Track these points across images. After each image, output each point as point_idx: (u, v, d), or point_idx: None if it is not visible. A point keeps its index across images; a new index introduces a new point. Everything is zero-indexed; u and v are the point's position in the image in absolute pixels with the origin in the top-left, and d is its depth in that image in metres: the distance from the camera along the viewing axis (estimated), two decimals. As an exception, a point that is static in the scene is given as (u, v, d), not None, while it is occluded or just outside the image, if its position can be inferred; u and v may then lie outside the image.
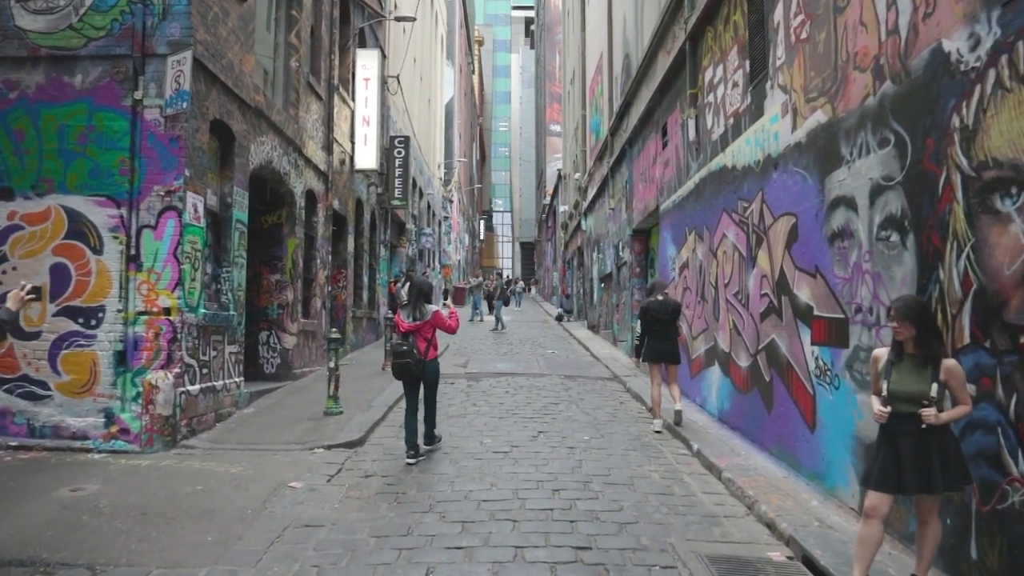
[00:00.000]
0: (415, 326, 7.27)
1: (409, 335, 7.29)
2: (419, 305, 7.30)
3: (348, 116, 14.84)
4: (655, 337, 8.27)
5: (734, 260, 7.92)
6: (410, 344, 7.17)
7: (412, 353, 7.10)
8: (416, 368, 7.08)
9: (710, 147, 8.87)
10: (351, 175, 15.06)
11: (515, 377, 11.96)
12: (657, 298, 8.38)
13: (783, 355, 6.47)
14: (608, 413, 9.21)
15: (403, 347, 7.16)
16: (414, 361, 7.08)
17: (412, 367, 7.08)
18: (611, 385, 11.55)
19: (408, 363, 7.08)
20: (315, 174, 12.36)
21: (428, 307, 7.28)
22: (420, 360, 7.11)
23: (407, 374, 7.15)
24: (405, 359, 7.11)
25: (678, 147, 10.58)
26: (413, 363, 7.07)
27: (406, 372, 7.13)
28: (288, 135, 10.72)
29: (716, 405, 8.60)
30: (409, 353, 7.09)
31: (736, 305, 7.83)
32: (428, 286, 7.49)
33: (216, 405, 8.20)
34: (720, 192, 8.44)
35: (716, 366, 8.61)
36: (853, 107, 5.17)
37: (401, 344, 7.23)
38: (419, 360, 7.11)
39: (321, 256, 12.83)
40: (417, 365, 7.08)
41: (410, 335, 7.28)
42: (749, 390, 7.40)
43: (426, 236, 26.68)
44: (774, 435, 6.68)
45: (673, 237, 10.93)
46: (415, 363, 7.07)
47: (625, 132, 15.14)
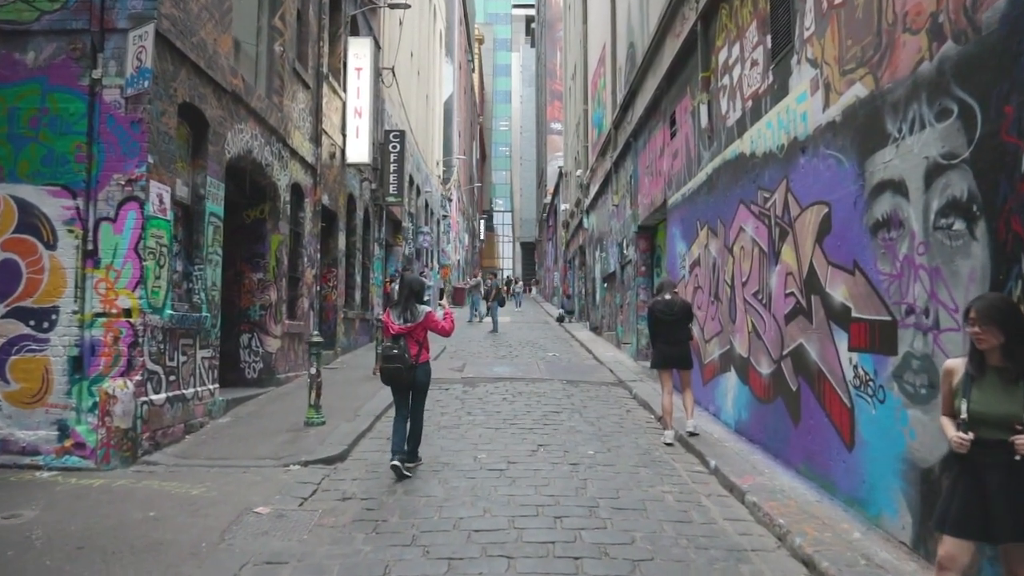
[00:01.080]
0: (406, 328, 6.59)
1: (399, 338, 6.61)
2: (410, 306, 6.62)
3: (339, 107, 14.14)
4: (663, 341, 7.56)
5: (753, 256, 7.21)
6: (401, 348, 6.50)
7: (403, 357, 6.44)
8: (406, 374, 6.44)
9: (724, 134, 8.16)
10: (342, 169, 14.36)
11: (514, 382, 11.25)
12: (664, 298, 7.67)
13: (813, 362, 5.75)
14: (614, 423, 8.50)
15: (393, 351, 6.50)
16: (404, 366, 6.43)
17: (402, 372, 6.43)
18: (616, 391, 10.84)
19: (398, 368, 6.43)
20: (302, 167, 11.65)
21: (420, 308, 6.60)
22: (411, 365, 6.47)
23: (396, 380, 6.52)
24: (395, 364, 6.45)
25: (688, 136, 9.87)
26: (404, 368, 6.43)
27: (395, 378, 6.49)
28: (271, 124, 10.02)
29: (732, 415, 7.89)
30: (399, 357, 6.44)
31: (756, 306, 7.12)
32: (419, 285, 6.81)
33: (186, 415, 7.49)
34: (736, 182, 7.73)
35: (732, 372, 7.90)
36: (902, 76, 4.46)
37: (391, 348, 6.55)
38: (410, 365, 6.46)
39: (308, 254, 12.12)
40: (408, 371, 6.44)
41: (400, 338, 6.60)
42: (771, 399, 6.68)
43: (423, 235, 25.98)
44: (802, 451, 5.96)
45: (683, 233, 10.22)
46: (405, 368, 6.43)
47: (629, 124, 14.43)
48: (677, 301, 7.70)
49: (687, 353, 7.63)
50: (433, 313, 6.67)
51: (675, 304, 7.63)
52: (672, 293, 7.78)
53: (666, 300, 7.64)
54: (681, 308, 7.65)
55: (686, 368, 7.65)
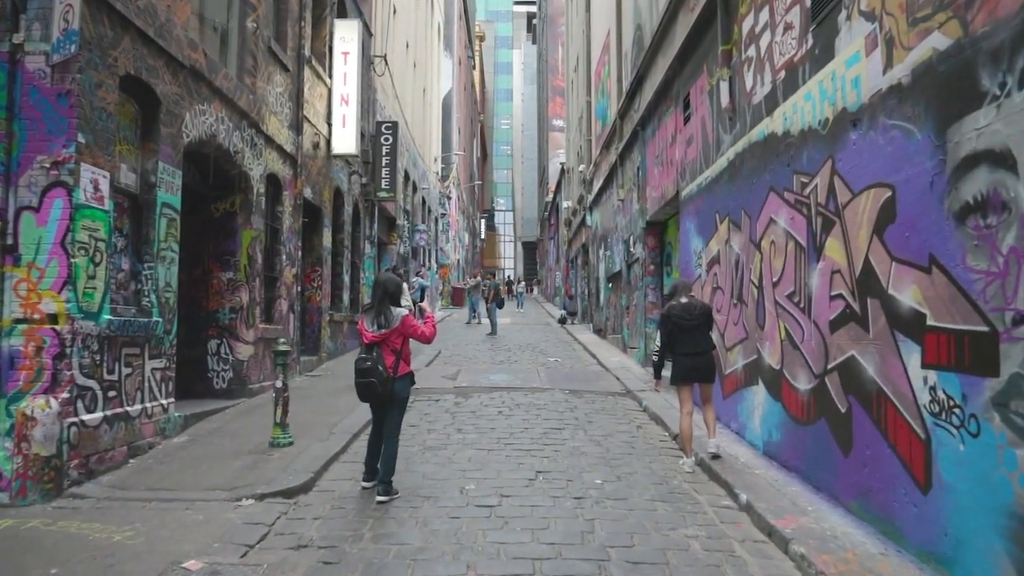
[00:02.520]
0: (380, 336, 5.70)
1: (373, 347, 5.70)
2: (384, 309, 5.69)
3: (324, 95, 13.13)
4: (681, 351, 6.54)
5: (787, 252, 6.19)
6: (374, 358, 5.63)
7: (376, 370, 5.60)
8: (383, 388, 5.59)
9: (750, 113, 7.15)
10: (327, 161, 13.34)
11: (511, 392, 10.23)
12: (681, 301, 6.65)
13: (869, 379, 4.73)
14: (623, 442, 7.48)
15: (367, 362, 5.65)
16: (379, 380, 5.58)
17: (376, 387, 5.59)
18: (624, 402, 9.82)
19: (372, 383, 5.60)
20: (279, 156, 10.65)
21: (395, 311, 5.69)
22: (388, 378, 5.61)
23: (371, 395, 5.68)
24: (368, 377, 5.62)
25: (704, 120, 8.85)
26: (379, 382, 5.58)
27: (370, 393, 5.66)
28: (241, 107, 9.01)
29: (760, 435, 6.86)
30: (373, 370, 5.60)
31: (791, 310, 6.09)
32: (395, 285, 5.84)
33: (130, 436, 6.49)
34: (765, 167, 6.71)
35: (760, 386, 6.87)
36: (1006, 15, 3.44)
37: (365, 359, 5.67)
38: (385, 378, 5.60)
39: (288, 251, 11.12)
40: (384, 384, 5.59)
41: (374, 347, 5.70)
42: (812, 421, 5.66)
43: (420, 233, 24.97)
44: (854, 486, 4.94)
45: (698, 227, 9.20)
46: (380, 382, 5.58)
47: (637, 112, 13.41)
48: (696, 304, 6.69)
49: (711, 364, 6.62)
50: (410, 317, 5.72)
51: (694, 308, 6.62)
52: (688, 296, 6.76)
53: (683, 304, 6.63)
54: (702, 312, 6.64)
55: (710, 381, 6.64)
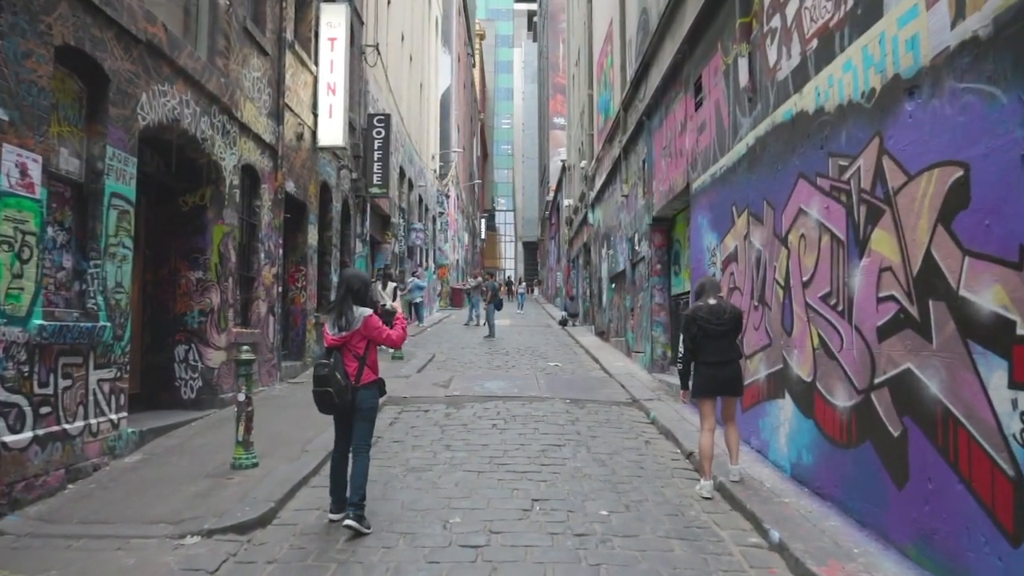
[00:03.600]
0: (340, 339, 4.95)
1: (333, 351, 4.96)
2: (346, 309, 4.94)
3: (309, 83, 12.33)
4: (706, 360, 5.73)
5: (821, 247, 5.38)
6: (332, 365, 4.89)
7: (333, 378, 4.86)
8: (341, 398, 4.87)
9: (774, 91, 6.34)
10: (313, 153, 12.54)
11: (508, 402, 9.42)
12: (708, 302, 5.84)
13: (932, 397, 3.93)
14: (631, 461, 6.68)
15: (324, 369, 4.90)
16: (337, 389, 4.85)
17: (333, 398, 4.87)
18: (629, 413, 9.01)
19: (328, 393, 4.87)
20: (257, 146, 9.84)
21: (358, 311, 4.95)
22: (348, 387, 4.89)
23: (330, 407, 4.96)
24: (324, 386, 4.88)
25: (719, 103, 8.04)
26: (336, 392, 4.86)
27: (328, 404, 4.94)
28: (210, 90, 8.21)
29: (787, 455, 6.05)
30: (330, 378, 4.87)
31: (826, 313, 5.28)
32: (360, 282, 5.09)
33: (68, 458, 5.68)
34: (793, 151, 5.90)
35: (787, 399, 6.06)
36: None
37: (323, 365, 4.94)
38: (345, 387, 4.87)
39: (267, 249, 10.31)
40: (343, 394, 4.87)
41: (334, 351, 4.96)
42: (854, 443, 4.85)
43: (416, 232, 24.16)
44: (912, 525, 4.13)
45: (712, 221, 8.39)
46: (339, 391, 4.86)
47: (642, 101, 12.60)
48: (726, 307, 5.86)
49: (738, 375, 5.81)
50: (374, 318, 4.98)
51: (723, 310, 5.80)
52: (717, 296, 5.95)
53: (711, 306, 5.81)
54: (732, 316, 5.81)
55: (736, 394, 5.84)
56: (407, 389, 10.32)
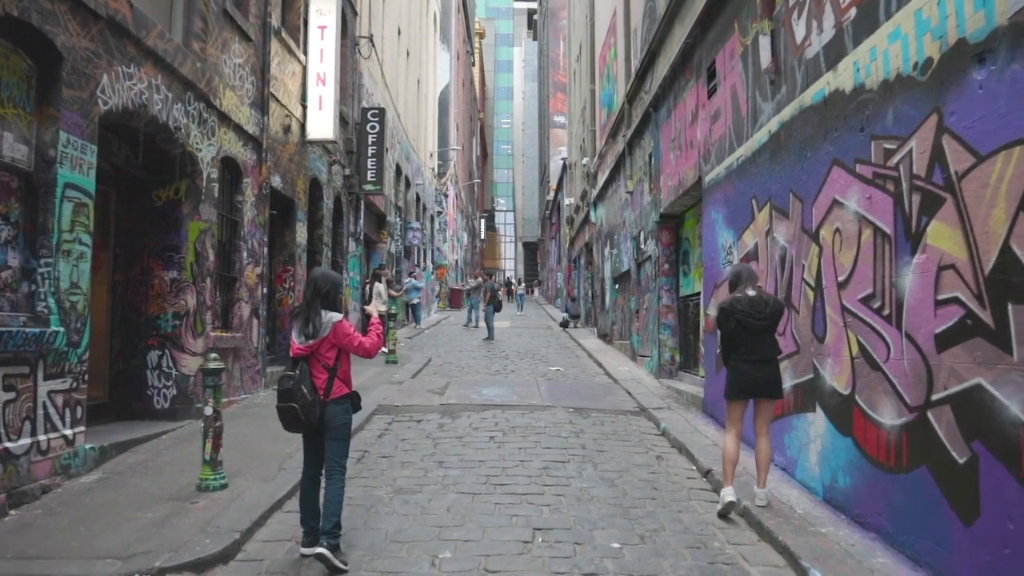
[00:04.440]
0: (306, 348, 4.33)
1: (300, 362, 4.34)
2: (313, 314, 4.32)
3: (297, 73, 11.69)
4: (741, 356, 5.10)
5: (861, 242, 4.75)
6: (297, 377, 4.27)
7: (299, 392, 4.23)
8: (308, 415, 4.24)
9: (801, 71, 5.71)
10: (302, 147, 11.91)
11: (507, 411, 8.78)
12: (747, 293, 5.17)
13: (1012, 418, 3.29)
14: (643, 480, 6.03)
15: (288, 382, 4.29)
16: (304, 404, 4.23)
17: (299, 414, 4.24)
18: (638, 424, 8.37)
19: (292, 409, 4.25)
20: (239, 137, 9.21)
21: (327, 316, 4.34)
22: (315, 402, 4.26)
23: (296, 425, 4.32)
24: (288, 402, 4.27)
25: (736, 89, 7.41)
26: (302, 407, 4.23)
27: (294, 422, 4.31)
28: (184, 74, 7.57)
29: (818, 475, 5.40)
30: (294, 392, 4.24)
31: (868, 317, 4.65)
32: (330, 283, 4.47)
33: (10, 480, 5.04)
34: (825, 136, 5.27)
35: (819, 413, 5.42)
36: None
37: (287, 377, 4.32)
38: (313, 402, 4.25)
39: (250, 247, 9.67)
40: (310, 410, 4.24)
41: (301, 362, 4.34)
42: (904, 468, 4.21)
43: (413, 231, 23.52)
44: (987, 571, 3.49)
45: (728, 217, 7.75)
46: (306, 407, 4.23)
47: (648, 93, 11.97)
48: (767, 299, 5.19)
49: (777, 375, 5.17)
50: (345, 324, 4.37)
51: (764, 303, 5.13)
52: (756, 287, 5.29)
53: (750, 297, 5.14)
54: (774, 310, 5.15)
55: (775, 397, 5.19)
56: (400, 396, 9.69)
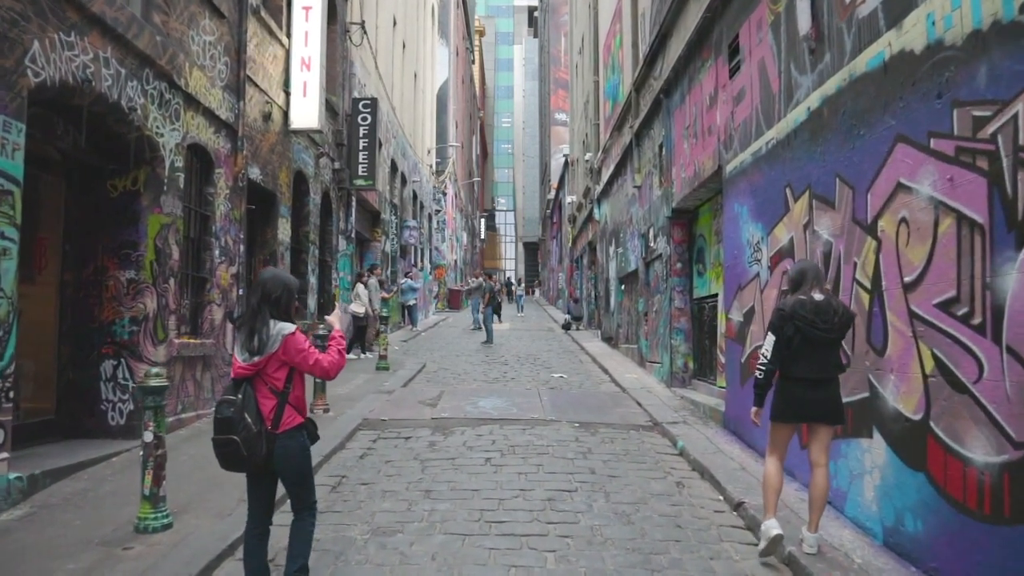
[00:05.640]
0: (250, 367, 3.43)
1: (241, 384, 3.43)
2: (259, 324, 3.44)
3: (279, 57, 10.82)
4: (798, 375, 4.22)
5: (938, 234, 3.87)
6: (239, 403, 3.35)
7: (241, 422, 3.32)
8: (252, 451, 3.32)
9: (852, 33, 4.83)
10: (285, 137, 11.04)
11: (505, 426, 7.90)
12: (813, 297, 4.26)
13: None
14: (663, 516, 5.15)
15: (228, 409, 3.35)
16: (246, 437, 3.32)
17: (241, 450, 3.31)
18: (651, 441, 7.49)
19: (232, 443, 3.32)
20: (209, 122, 8.33)
21: (277, 327, 3.44)
22: (261, 434, 3.35)
23: (237, 463, 3.39)
24: (227, 433, 3.33)
25: (765, 63, 6.54)
26: (244, 442, 3.31)
27: (234, 460, 3.38)
28: (140, 48, 6.70)
29: (877, 514, 4.52)
30: (235, 422, 3.32)
31: (948, 326, 3.77)
32: (281, 287, 3.59)
33: (-96, 524, 4.18)
34: (885, 107, 4.39)
35: (877, 440, 4.54)
36: None
37: (226, 403, 3.38)
38: (258, 434, 3.33)
39: (223, 245, 8.80)
40: (254, 445, 3.32)
41: (244, 384, 3.43)
42: (1007, 519, 3.33)
43: (409, 230, 22.64)
44: None
45: (755, 209, 6.87)
46: (248, 441, 3.32)
47: (658, 79, 11.10)
48: (836, 306, 4.27)
49: (837, 398, 4.28)
50: (298, 337, 3.48)
51: (833, 310, 4.22)
52: (823, 290, 4.37)
53: (816, 302, 4.23)
54: (843, 321, 4.25)
55: (835, 422, 4.32)
56: (388, 408, 8.82)
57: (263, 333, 3.41)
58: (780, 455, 4.36)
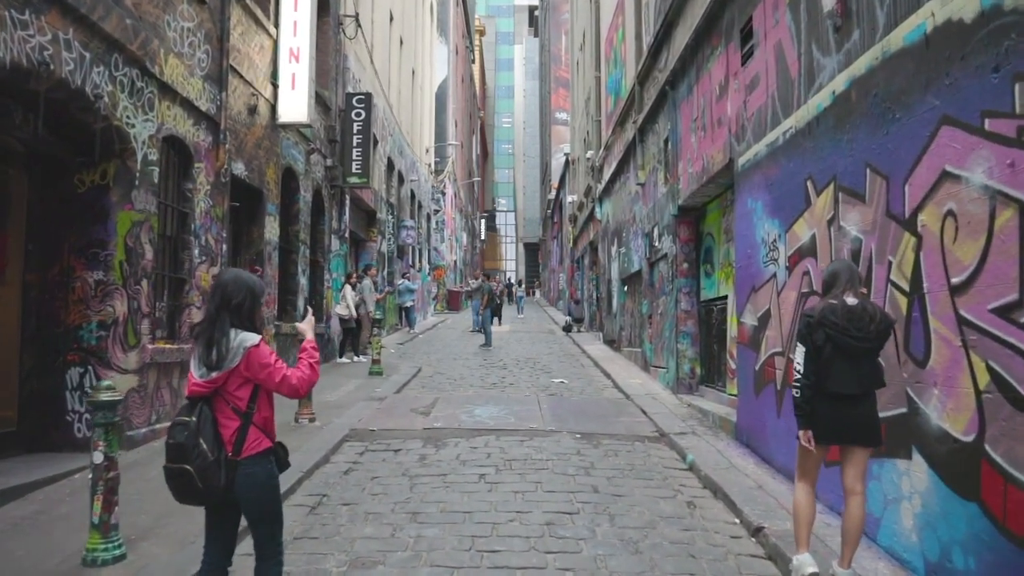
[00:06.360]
0: (207, 385, 2.94)
1: (197, 404, 2.92)
2: (218, 335, 2.96)
3: (266, 48, 10.33)
4: (831, 390, 3.71)
5: (995, 228, 3.36)
6: (194, 427, 2.85)
7: (196, 448, 2.82)
8: (209, 483, 2.83)
9: (885, 6, 4.33)
10: (272, 131, 10.54)
11: (502, 437, 7.40)
12: (845, 301, 3.76)
13: None
14: (674, 543, 4.64)
15: (181, 433, 2.85)
16: (201, 466, 2.81)
17: (195, 480, 2.81)
18: (658, 454, 6.99)
19: (185, 473, 2.82)
20: (188, 114, 7.84)
21: (238, 338, 2.96)
22: (220, 462, 2.85)
23: (192, 495, 2.87)
24: (179, 462, 2.82)
25: (782, 46, 6.04)
26: (199, 471, 2.81)
27: (188, 491, 2.86)
28: (108, 31, 6.21)
29: (918, 547, 4.01)
30: (188, 449, 2.83)
31: (1010, 335, 3.26)
32: (244, 290, 3.11)
33: None
34: (928, 85, 3.89)
35: (918, 461, 4.03)
36: None
37: (180, 426, 2.88)
38: (215, 462, 2.84)
39: (204, 244, 8.30)
40: (210, 476, 2.83)
41: (200, 404, 2.92)
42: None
43: (407, 229, 22.14)
44: None
45: (771, 204, 6.37)
46: (204, 471, 2.82)
47: (663, 71, 10.61)
48: (872, 310, 3.77)
49: (874, 415, 3.79)
50: (262, 350, 3.00)
51: (868, 315, 3.72)
52: (859, 294, 3.85)
53: (849, 307, 3.73)
54: (881, 328, 3.74)
55: (871, 444, 3.82)
56: (378, 417, 8.32)
57: (222, 345, 2.91)
58: (811, 480, 3.87)
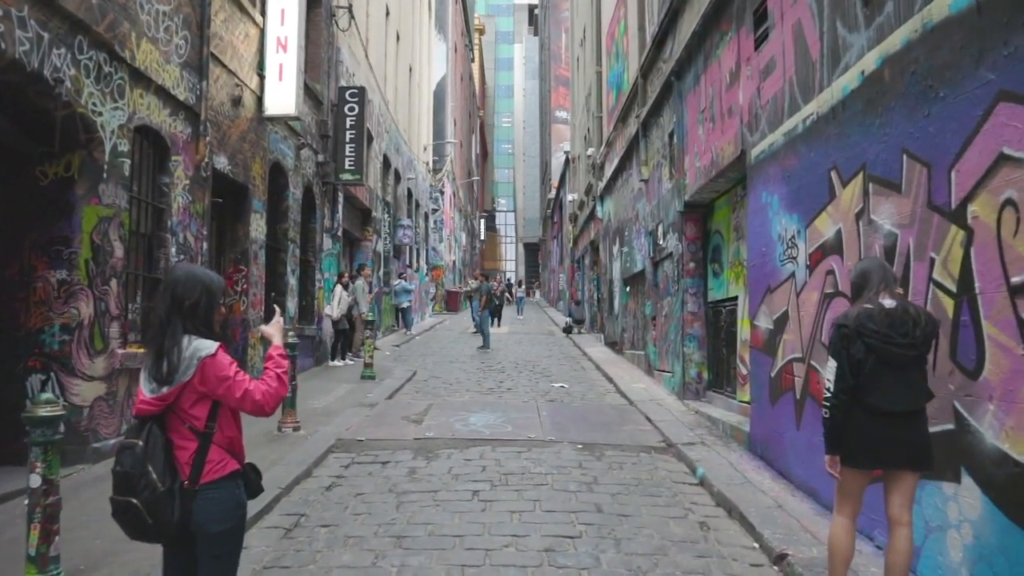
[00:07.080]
0: (161, 400, 2.42)
1: (146, 424, 2.39)
2: (169, 343, 2.45)
3: (252, 37, 9.85)
4: (875, 407, 3.23)
5: (1069, 219, 2.88)
6: (140, 452, 2.32)
7: (143, 477, 2.28)
8: (158, 516, 2.29)
9: (926, -28, 3.85)
10: (259, 124, 10.06)
11: (498, 448, 6.92)
12: (881, 303, 3.28)
13: None
14: (688, 573, 4.15)
15: (127, 459, 2.32)
16: (149, 500, 2.28)
17: (143, 515, 2.27)
18: (666, 466, 6.51)
19: (132, 506, 2.28)
20: (163, 103, 7.36)
21: (192, 346, 2.46)
22: (173, 492, 2.33)
23: (140, 531, 2.34)
24: (125, 494, 2.29)
25: (801, 26, 5.55)
26: (145, 507, 2.27)
27: (137, 527, 2.32)
28: (70, 10, 5.73)
29: (968, 582, 3.53)
30: (134, 479, 2.29)
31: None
32: (199, 289, 2.58)
33: None
34: (979, 58, 3.41)
35: (969, 484, 3.54)
36: None
37: (127, 450, 2.34)
38: (167, 493, 2.31)
39: (182, 241, 7.82)
40: (159, 508, 2.29)
41: (149, 424, 2.39)
42: None
43: (404, 229, 21.64)
44: None
45: (789, 197, 5.88)
46: (152, 503, 2.28)
47: (668, 61, 10.13)
48: (913, 312, 3.29)
49: (927, 433, 3.32)
50: (219, 360, 2.49)
51: (913, 319, 3.24)
52: (895, 295, 3.37)
53: (887, 310, 3.25)
54: (926, 330, 3.26)
55: (923, 468, 3.34)
56: (367, 426, 7.84)
57: (173, 355, 2.41)
58: (852, 512, 3.38)
